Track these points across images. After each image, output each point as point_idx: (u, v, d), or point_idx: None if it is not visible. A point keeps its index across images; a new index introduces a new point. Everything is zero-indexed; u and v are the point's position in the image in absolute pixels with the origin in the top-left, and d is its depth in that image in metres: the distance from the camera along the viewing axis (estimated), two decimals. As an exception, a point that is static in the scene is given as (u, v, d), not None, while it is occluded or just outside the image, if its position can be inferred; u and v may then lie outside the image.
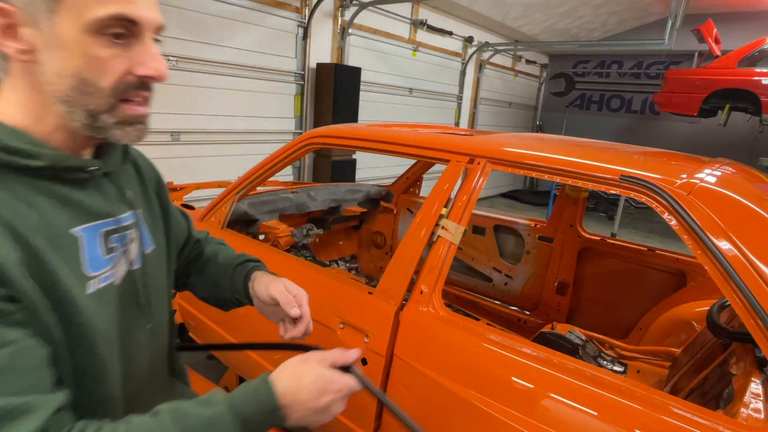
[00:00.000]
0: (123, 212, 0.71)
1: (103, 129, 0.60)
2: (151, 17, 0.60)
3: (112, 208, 0.68)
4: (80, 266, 0.61)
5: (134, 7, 0.56)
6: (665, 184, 1.12)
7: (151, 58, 0.60)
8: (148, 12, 0.59)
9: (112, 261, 0.67)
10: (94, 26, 0.54)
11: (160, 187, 0.86)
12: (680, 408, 0.95)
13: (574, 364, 1.11)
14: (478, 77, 8.15)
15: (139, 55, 0.59)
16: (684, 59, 8.68)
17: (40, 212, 0.57)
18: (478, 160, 1.41)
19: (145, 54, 0.60)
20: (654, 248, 2.36)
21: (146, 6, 0.58)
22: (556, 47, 9.51)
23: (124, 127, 0.61)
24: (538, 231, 2.67)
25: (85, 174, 0.64)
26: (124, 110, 0.60)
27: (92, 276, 0.63)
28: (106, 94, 0.58)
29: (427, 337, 1.29)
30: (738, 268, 0.98)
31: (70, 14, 0.53)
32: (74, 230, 0.61)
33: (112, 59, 0.57)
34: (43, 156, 0.57)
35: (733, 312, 1.38)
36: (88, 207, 0.63)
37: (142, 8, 0.57)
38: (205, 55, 4.03)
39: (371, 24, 5.70)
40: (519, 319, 2.67)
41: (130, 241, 0.72)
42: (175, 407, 0.58)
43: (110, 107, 0.59)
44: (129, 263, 0.72)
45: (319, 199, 2.59)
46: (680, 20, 4.94)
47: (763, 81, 5.91)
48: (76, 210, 0.62)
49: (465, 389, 1.20)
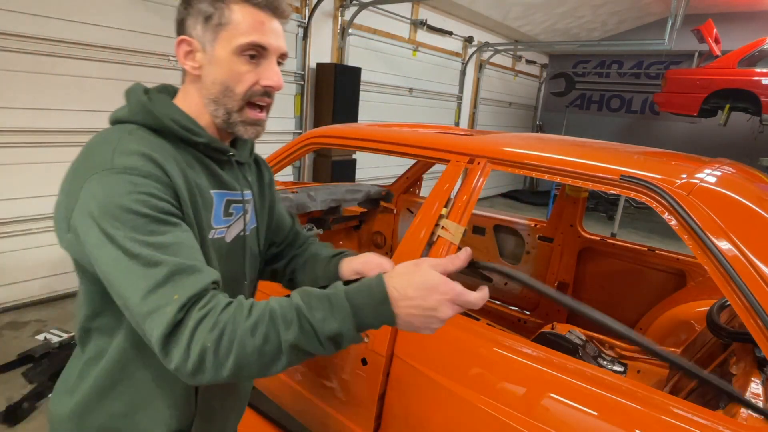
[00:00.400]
0: (244, 190, 0.93)
1: (233, 125, 0.83)
2: (277, 45, 0.82)
3: (237, 185, 0.91)
4: (210, 217, 0.84)
5: (265, 38, 0.80)
6: (665, 184, 1.12)
7: (273, 74, 0.82)
8: (274, 41, 0.81)
9: (228, 222, 0.88)
10: (238, 50, 0.79)
11: (271, 184, 1.09)
12: (680, 408, 0.95)
13: (574, 364, 1.11)
14: (478, 77, 8.15)
15: (265, 71, 0.81)
16: (684, 59, 8.68)
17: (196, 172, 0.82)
18: (478, 160, 1.41)
19: (269, 71, 0.82)
20: (654, 248, 2.36)
21: (274, 37, 0.81)
22: (556, 47, 9.51)
23: (246, 125, 0.84)
24: (538, 231, 2.67)
25: (224, 156, 0.88)
26: (248, 113, 0.83)
27: (214, 227, 0.85)
28: (239, 98, 0.81)
29: (427, 337, 1.29)
30: (738, 268, 0.98)
31: (224, 42, 0.79)
32: (212, 191, 0.84)
33: (247, 73, 0.80)
34: (203, 135, 0.83)
35: (733, 312, 1.39)
36: (222, 179, 0.87)
37: (270, 39, 0.81)
38: (205, 55, 4.03)
39: (371, 24, 5.70)
40: (519, 319, 2.67)
41: (245, 213, 0.93)
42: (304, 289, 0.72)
43: (240, 108, 0.82)
44: (241, 229, 0.92)
45: (319, 199, 2.60)
46: (680, 20, 4.95)
47: (763, 81, 5.91)
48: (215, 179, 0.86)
49: (465, 389, 1.20)
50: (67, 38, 3.19)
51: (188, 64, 0.82)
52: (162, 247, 0.66)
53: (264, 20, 0.80)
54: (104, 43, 3.38)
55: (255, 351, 0.64)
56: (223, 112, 0.82)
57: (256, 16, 0.79)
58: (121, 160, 0.70)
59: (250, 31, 0.78)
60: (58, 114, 3.26)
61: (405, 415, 1.31)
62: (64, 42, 3.18)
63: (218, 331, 0.63)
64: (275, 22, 0.82)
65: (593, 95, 10.20)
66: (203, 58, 0.81)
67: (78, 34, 3.24)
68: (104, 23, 3.36)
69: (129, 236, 0.66)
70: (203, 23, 0.79)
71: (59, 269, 3.52)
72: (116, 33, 3.44)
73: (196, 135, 0.82)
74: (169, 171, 0.73)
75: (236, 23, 0.78)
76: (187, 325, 0.63)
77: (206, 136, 0.83)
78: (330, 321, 0.65)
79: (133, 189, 0.68)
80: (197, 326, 0.63)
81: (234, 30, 0.78)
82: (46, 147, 3.25)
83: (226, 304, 0.66)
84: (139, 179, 0.69)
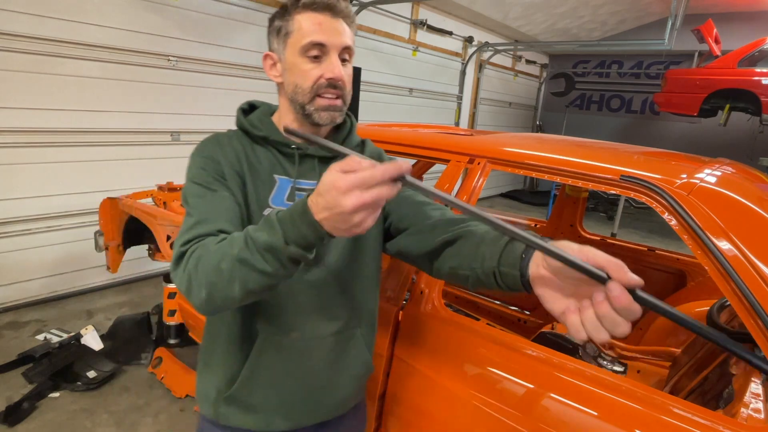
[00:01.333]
0: (310, 179, 0.98)
1: (309, 115, 0.93)
2: (335, 42, 0.90)
3: (301, 175, 0.98)
4: (268, 196, 0.95)
5: (322, 36, 0.89)
6: (665, 184, 1.12)
7: (333, 67, 0.90)
8: (332, 38, 0.90)
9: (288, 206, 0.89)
10: (301, 51, 0.90)
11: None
12: (680, 408, 0.95)
13: (574, 364, 1.11)
14: (478, 77, 8.15)
15: (327, 66, 0.90)
16: (684, 59, 8.68)
17: (259, 159, 0.97)
18: (478, 160, 1.41)
19: (330, 65, 0.90)
20: (654, 248, 2.36)
21: (332, 35, 0.90)
22: (556, 47, 9.51)
23: (319, 111, 0.92)
24: (538, 231, 2.67)
25: (289, 149, 0.97)
26: (319, 102, 0.92)
27: (271, 206, 0.95)
28: (307, 92, 0.91)
29: (427, 337, 1.29)
30: (738, 268, 0.98)
31: (291, 48, 0.91)
32: (274, 176, 0.96)
33: (311, 70, 0.90)
34: (262, 130, 0.98)
35: (733, 312, 1.39)
36: (284, 167, 0.98)
37: (328, 36, 0.89)
38: (205, 55, 4.03)
39: (371, 24, 5.70)
40: (519, 319, 2.67)
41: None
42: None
43: (311, 100, 0.92)
44: None
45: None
46: (680, 20, 4.94)
47: (763, 81, 5.91)
48: (279, 166, 0.97)
49: (465, 389, 1.20)
50: (67, 38, 3.19)
51: (272, 74, 0.98)
52: (196, 206, 0.87)
53: (322, 21, 0.90)
54: (104, 43, 3.38)
55: (214, 269, 0.74)
56: (299, 107, 0.94)
57: (314, 19, 0.90)
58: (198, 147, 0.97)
59: (310, 32, 0.89)
60: (58, 114, 3.27)
61: (405, 414, 1.31)
62: (64, 42, 3.18)
63: (196, 257, 0.77)
64: (335, 21, 0.91)
65: (593, 95, 10.19)
66: (281, 66, 0.95)
67: (78, 34, 3.24)
68: (104, 23, 3.36)
69: (186, 195, 0.91)
70: (276, 36, 0.94)
71: (59, 269, 3.52)
72: (116, 33, 3.44)
73: (257, 129, 0.98)
74: (220, 155, 0.93)
75: (298, 29, 0.90)
76: (183, 257, 0.80)
77: (264, 131, 0.98)
78: (261, 233, 0.72)
79: (195, 164, 0.93)
80: (189, 257, 0.78)
81: (297, 35, 0.90)
82: (46, 147, 3.25)
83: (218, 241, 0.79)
84: (200, 158, 0.94)
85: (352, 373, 1.03)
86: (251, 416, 0.98)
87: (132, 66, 3.57)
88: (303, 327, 0.97)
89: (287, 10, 0.93)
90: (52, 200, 3.37)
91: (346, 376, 1.03)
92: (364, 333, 1.04)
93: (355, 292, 1.02)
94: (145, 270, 4.00)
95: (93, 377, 2.50)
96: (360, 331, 1.03)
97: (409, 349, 1.30)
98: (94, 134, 3.47)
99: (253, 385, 0.97)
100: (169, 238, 2.35)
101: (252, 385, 0.97)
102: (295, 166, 0.98)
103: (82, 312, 3.38)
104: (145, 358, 2.77)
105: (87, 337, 2.78)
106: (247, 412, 0.98)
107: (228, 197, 0.90)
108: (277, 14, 0.96)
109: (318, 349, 0.98)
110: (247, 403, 0.98)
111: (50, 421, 2.22)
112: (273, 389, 0.97)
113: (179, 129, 4.00)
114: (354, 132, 1.08)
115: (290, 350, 0.96)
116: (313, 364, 0.98)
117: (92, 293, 3.70)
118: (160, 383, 2.56)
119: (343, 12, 0.92)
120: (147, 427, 2.24)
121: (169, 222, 2.37)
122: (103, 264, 3.09)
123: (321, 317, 0.98)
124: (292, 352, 0.96)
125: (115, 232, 2.92)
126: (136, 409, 2.36)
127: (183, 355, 2.77)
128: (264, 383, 0.97)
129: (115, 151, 3.62)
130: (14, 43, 2.97)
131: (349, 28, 0.94)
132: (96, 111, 3.44)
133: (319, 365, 0.99)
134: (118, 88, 3.54)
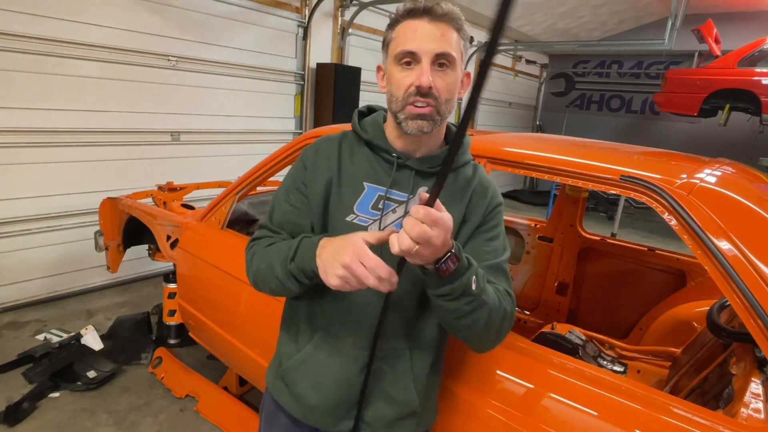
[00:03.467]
0: (401, 190, 0.98)
1: (400, 124, 0.93)
2: (426, 49, 0.87)
3: (394, 184, 0.97)
4: (354, 202, 0.97)
5: (413, 44, 0.87)
6: (665, 184, 1.12)
7: (421, 75, 0.87)
8: (423, 45, 0.87)
9: (374, 215, 0.97)
10: (396, 59, 0.90)
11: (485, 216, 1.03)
12: (680, 408, 0.95)
13: (574, 364, 1.11)
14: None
15: (417, 74, 0.88)
16: (684, 59, 8.68)
17: (355, 164, 1.00)
18: (478, 160, 1.41)
19: (420, 72, 0.88)
20: (654, 248, 2.36)
21: (423, 41, 0.87)
22: (556, 47, 9.51)
23: (407, 120, 0.91)
24: (538, 231, 2.67)
25: (390, 156, 0.98)
26: (409, 110, 0.90)
27: (355, 213, 0.97)
28: (399, 100, 0.91)
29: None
30: (738, 268, 0.98)
31: (389, 57, 0.93)
32: (365, 182, 0.98)
33: (403, 78, 0.90)
34: (367, 134, 1.01)
35: (733, 312, 1.38)
36: (379, 174, 0.98)
37: (419, 44, 0.87)
38: (205, 55, 4.03)
39: (371, 24, 5.70)
40: (519, 319, 2.67)
41: (392, 211, 0.98)
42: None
43: (401, 108, 0.91)
44: (383, 226, 0.97)
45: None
46: (680, 20, 4.94)
47: (763, 81, 5.91)
48: (374, 174, 0.98)
49: (465, 389, 1.20)
50: (67, 38, 3.19)
51: (381, 85, 0.99)
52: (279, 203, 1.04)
53: (417, 27, 0.88)
54: (104, 43, 3.38)
55: (258, 268, 0.98)
56: (393, 116, 0.94)
57: (411, 26, 0.89)
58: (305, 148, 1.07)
59: (402, 41, 0.89)
60: (58, 114, 3.27)
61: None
62: (64, 42, 3.18)
63: (252, 253, 1.01)
64: (433, 26, 0.87)
65: (593, 95, 10.19)
66: (386, 77, 0.96)
67: (78, 34, 3.24)
68: (104, 23, 3.36)
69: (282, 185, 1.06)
70: (384, 48, 0.96)
71: (59, 269, 3.52)
72: (116, 33, 3.43)
73: (364, 132, 1.01)
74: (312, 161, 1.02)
75: (395, 38, 0.91)
76: (251, 248, 1.02)
77: (368, 135, 1.00)
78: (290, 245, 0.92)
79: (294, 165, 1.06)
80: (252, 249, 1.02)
81: (394, 44, 0.91)
82: (46, 147, 3.25)
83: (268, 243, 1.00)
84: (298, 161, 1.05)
85: (388, 392, 0.99)
86: (294, 402, 1.03)
87: (132, 66, 3.57)
88: (357, 334, 0.97)
89: (395, 21, 0.93)
90: (52, 200, 3.37)
91: (382, 394, 0.99)
92: (415, 357, 1.00)
93: (415, 316, 0.99)
94: (145, 270, 4.00)
95: (93, 377, 2.50)
96: (410, 354, 1.00)
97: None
98: (94, 134, 3.47)
99: (301, 374, 1.02)
100: (169, 237, 2.35)
101: (301, 374, 1.02)
102: (392, 174, 0.97)
103: (82, 312, 3.38)
104: (145, 358, 2.77)
105: (87, 337, 2.77)
106: (291, 396, 1.03)
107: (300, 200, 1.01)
108: (388, 26, 0.96)
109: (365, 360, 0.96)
110: (292, 389, 1.03)
111: (50, 421, 2.22)
112: (315, 387, 1.00)
113: (179, 129, 4.00)
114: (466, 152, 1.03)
115: (341, 353, 0.98)
116: (358, 375, 0.97)
117: (92, 293, 3.70)
118: (160, 383, 2.56)
119: (445, 15, 0.88)
120: (147, 427, 2.24)
121: (169, 222, 2.37)
122: (103, 264, 3.09)
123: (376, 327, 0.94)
124: (342, 356, 0.98)
125: (115, 232, 2.92)
126: (136, 409, 2.36)
127: (183, 355, 2.77)
128: (311, 376, 1.00)
129: (115, 151, 3.62)
130: (14, 43, 2.97)
131: (453, 33, 0.89)
132: (96, 111, 3.44)
133: (360, 375, 0.97)
134: (118, 88, 3.54)
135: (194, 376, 2.54)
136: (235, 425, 2.23)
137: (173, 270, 2.42)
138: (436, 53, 0.87)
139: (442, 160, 0.94)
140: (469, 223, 1.00)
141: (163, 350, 2.74)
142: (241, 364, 2.05)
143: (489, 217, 1.03)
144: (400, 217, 0.96)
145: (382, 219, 0.96)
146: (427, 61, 0.87)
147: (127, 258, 3.15)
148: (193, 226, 2.22)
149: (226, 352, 2.11)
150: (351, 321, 0.98)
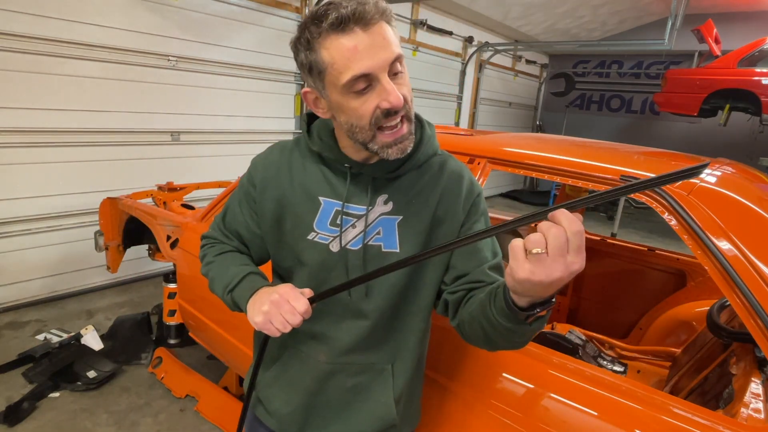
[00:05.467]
0: (358, 204, 0.90)
1: (376, 153, 0.82)
2: (379, 63, 0.74)
3: (350, 196, 0.89)
4: (313, 220, 0.90)
5: (363, 65, 0.73)
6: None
7: (387, 94, 0.75)
8: (375, 61, 0.74)
9: (333, 232, 0.90)
10: (344, 88, 0.76)
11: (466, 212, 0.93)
12: (680, 408, 0.95)
13: (574, 364, 1.11)
14: (478, 77, 8.15)
15: (379, 94, 0.76)
16: (684, 59, 8.67)
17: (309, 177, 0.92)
18: (478, 160, 1.41)
19: (384, 92, 0.76)
20: (654, 248, 2.36)
21: (371, 59, 0.73)
22: (556, 47, 9.51)
23: (386, 149, 0.81)
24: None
25: (342, 167, 0.89)
26: (381, 139, 0.80)
27: (316, 230, 0.90)
28: (366, 129, 0.79)
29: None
30: (738, 268, 0.98)
31: (331, 87, 0.78)
32: (320, 197, 0.90)
33: (362, 105, 0.77)
34: (316, 146, 0.91)
35: (733, 312, 1.38)
36: (334, 187, 0.90)
37: (369, 61, 0.73)
38: (205, 55, 4.03)
39: (371, 24, 5.70)
40: (519, 319, 2.66)
41: (352, 227, 0.90)
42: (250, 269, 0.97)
43: (372, 137, 0.80)
44: (344, 242, 0.89)
45: None
46: (680, 20, 4.94)
47: (763, 81, 5.90)
48: (327, 185, 0.90)
49: (465, 389, 1.20)
50: (67, 38, 3.19)
51: (319, 110, 0.86)
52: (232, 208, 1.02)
53: (354, 43, 0.72)
54: (104, 43, 3.38)
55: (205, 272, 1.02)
56: (360, 145, 0.83)
57: (343, 44, 0.73)
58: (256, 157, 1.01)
59: (345, 66, 0.73)
60: (58, 114, 3.27)
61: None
62: (64, 42, 3.18)
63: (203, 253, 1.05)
64: (371, 33, 0.73)
65: (593, 95, 10.19)
66: (326, 104, 0.83)
67: (78, 34, 3.24)
68: (104, 23, 3.36)
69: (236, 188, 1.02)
70: (308, 74, 0.80)
71: (59, 269, 3.52)
72: (116, 33, 3.43)
73: (313, 144, 0.92)
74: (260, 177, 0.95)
75: (330, 64, 0.75)
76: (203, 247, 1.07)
77: (318, 147, 0.91)
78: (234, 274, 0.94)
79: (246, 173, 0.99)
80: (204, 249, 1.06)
81: (332, 72, 0.75)
82: (46, 147, 3.25)
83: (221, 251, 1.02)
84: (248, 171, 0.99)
85: (368, 408, 0.95)
86: (269, 416, 1.02)
87: (132, 66, 3.57)
88: (331, 349, 0.94)
89: (309, 41, 0.76)
90: (52, 200, 3.37)
91: (361, 409, 0.95)
92: (395, 370, 0.96)
93: (398, 328, 0.94)
94: (145, 270, 4.00)
95: (93, 377, 2.50)
96: (391, 368, 0.95)
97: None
98: (94, 134, 3.47)
99: (275, 390, 1.00)
100: (169, 238, 2.35)
101: (274, 390, 1.01)
102: (346, 187, 0.89)
103: (82, 312, 3.38)
104: (145, 358, 2.77)
105: (87, 337, 2.77)
106: (267, 412, 1.03)
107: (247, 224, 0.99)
108: (299, 44, 0.79)
109: (341, 374, 0.94)
110: (266, 405, 1.02)
111: (50, 421, 2.22)
112: (289, 403, 0.98)
113: (179, 129, 4.00)
114: (425, 144, 0.91)
115: (314, 369, 0.95)
116: (333, 389, 0.95)
117: (92, 293, 3.70)
118: (160, 383, 2.56)
119: (378, 13, 0.73)
120: (147, 427, 2.24)
121: (169, 222, 2.37)
122: (103, 264, 3.09)
123: (352, 344, 0.93)
124: (314, 371, 0.95)
125: (115, 232, 2.92)
126: (136, 409, 2.36)
127: (183, 355, 2.77)
128: (283, 391, 0.99)
129: (115, 151, 3.62)
130: (14, 43, 2.97)
131: (390, 30, 0.76)
132: (96, 111, 3.44)
133: (338, 391, 0.95)
134: (118, 88, 3.54)
135: (194, 376, 2.54)
136: (235, 425, 2.23)
137: (173, 270, 2.42)
138: (390, 63, 0.75)
139: (401, 162, 0.87)
140: (447, 224, 0.91)
141: (163, 350, 2.74)
142: (241, 364, 2.05)
143: (471, 211, 0.93)
144: (361, 232, 0.89)
145: (342, 236, 0.89)
146: (385, 77, 0.75)
147: (127, 258, 3.15)
148: (193, 226, 2.22)
149: (226, 352, 2.11)
150: (318, 336, 0.94)
